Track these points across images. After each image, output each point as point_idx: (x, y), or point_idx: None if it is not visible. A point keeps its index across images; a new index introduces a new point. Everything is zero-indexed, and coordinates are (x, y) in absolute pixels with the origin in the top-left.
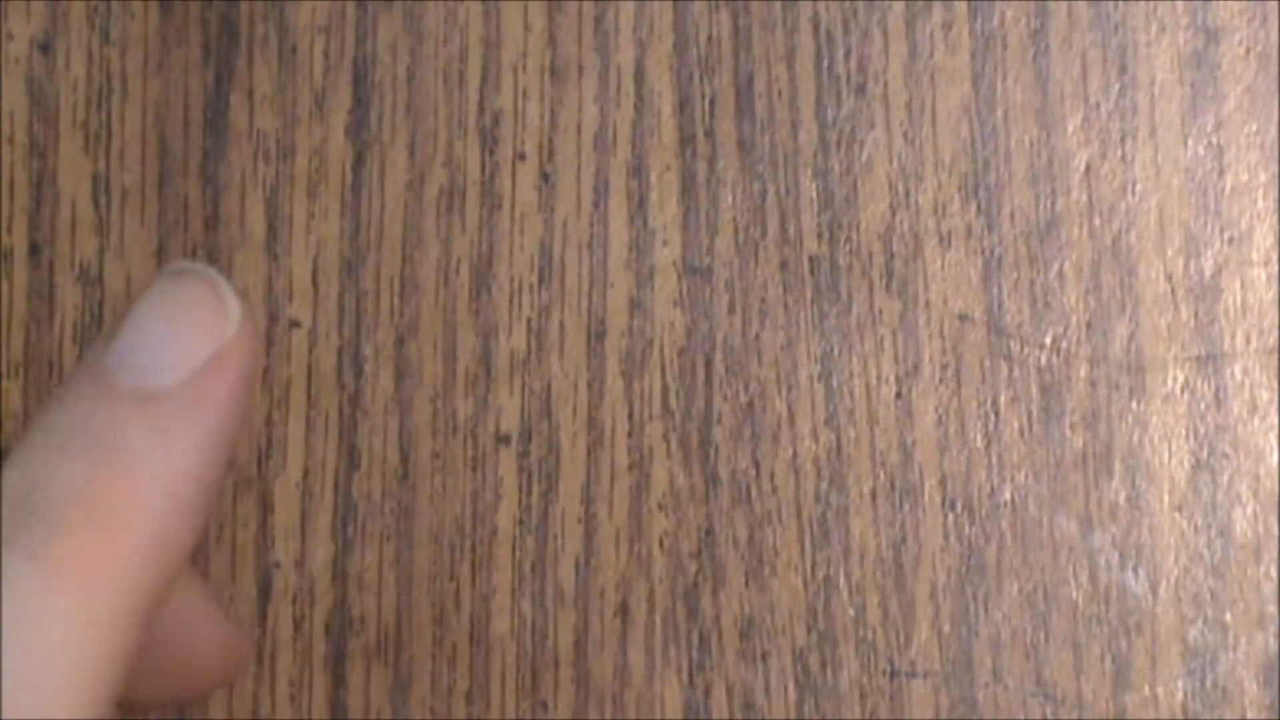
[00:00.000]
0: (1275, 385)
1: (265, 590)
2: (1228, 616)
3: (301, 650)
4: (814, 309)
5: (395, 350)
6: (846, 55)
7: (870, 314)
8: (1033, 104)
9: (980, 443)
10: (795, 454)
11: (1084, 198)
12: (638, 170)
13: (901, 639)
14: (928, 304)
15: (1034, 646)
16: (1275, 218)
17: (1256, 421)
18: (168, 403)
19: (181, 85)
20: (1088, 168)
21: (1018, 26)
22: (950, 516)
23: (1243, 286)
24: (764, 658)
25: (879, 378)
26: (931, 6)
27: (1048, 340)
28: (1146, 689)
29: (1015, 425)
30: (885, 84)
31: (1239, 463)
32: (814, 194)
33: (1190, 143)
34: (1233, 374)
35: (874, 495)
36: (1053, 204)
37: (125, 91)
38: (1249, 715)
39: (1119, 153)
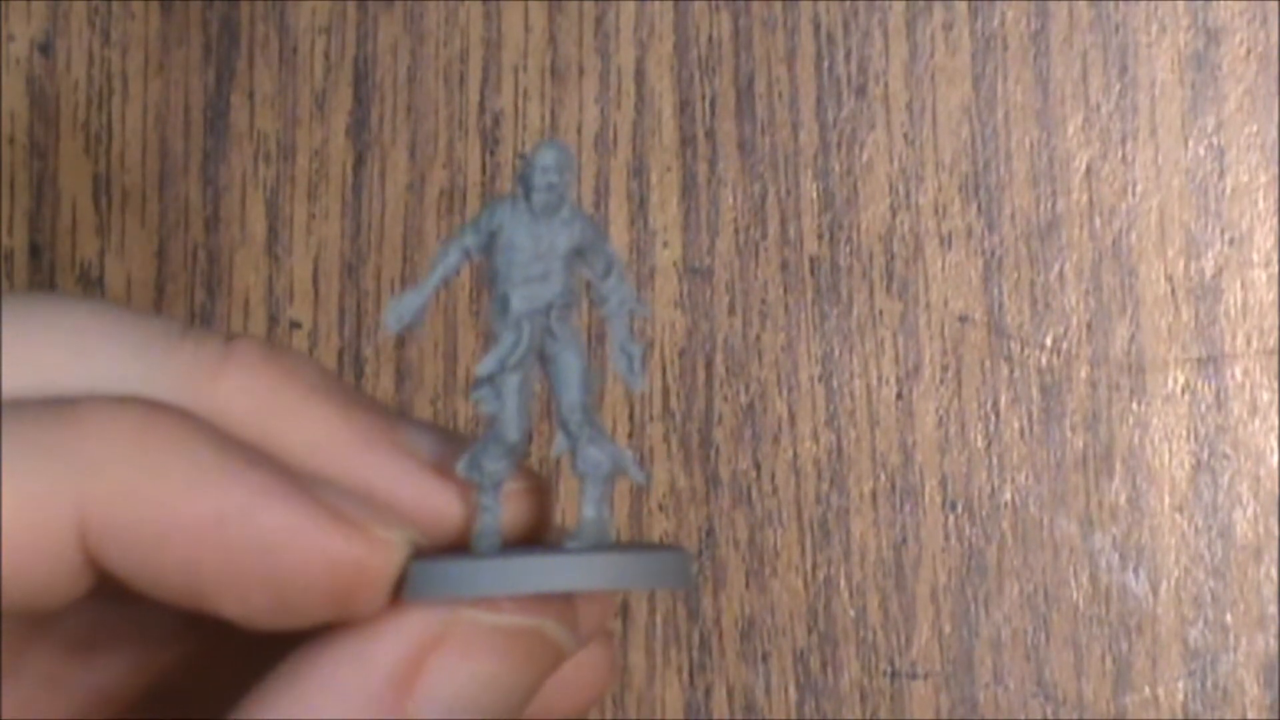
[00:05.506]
0: (1276, 386)
1: None
2: (1228, 617)
3: None
4: (815, 310)
5: (395, 352)
6: (847, 56)
7: (871, 315)
8: (1033, 105)
9: (981, 444)
10: (796, 455)
11: (1084, 199)
12: (638, 171)
13: (902, 640)
14: (928, 305)
15: (1035, 647)
16: (1276, 219)
17: (1257, 422)
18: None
19: (182, 86)
20: (1088, 169)
21: (1018, 27)
22: (951, 517)
23: (1243, 288)
24: (765, 658)
25: (880, 379)
26: (932, 7)
27: (1048, 341)
28: (1147, 690)
29: (1016, 426)
30: (886, 85)
31: (1239, 464)
32: (814, 195)
33: (1191, 144)
34: (1233, 375)
35: (874, 496)
36: (1053, 205)
37: (126, 92)
38: (1249, 716)
39: (1119, 154)
